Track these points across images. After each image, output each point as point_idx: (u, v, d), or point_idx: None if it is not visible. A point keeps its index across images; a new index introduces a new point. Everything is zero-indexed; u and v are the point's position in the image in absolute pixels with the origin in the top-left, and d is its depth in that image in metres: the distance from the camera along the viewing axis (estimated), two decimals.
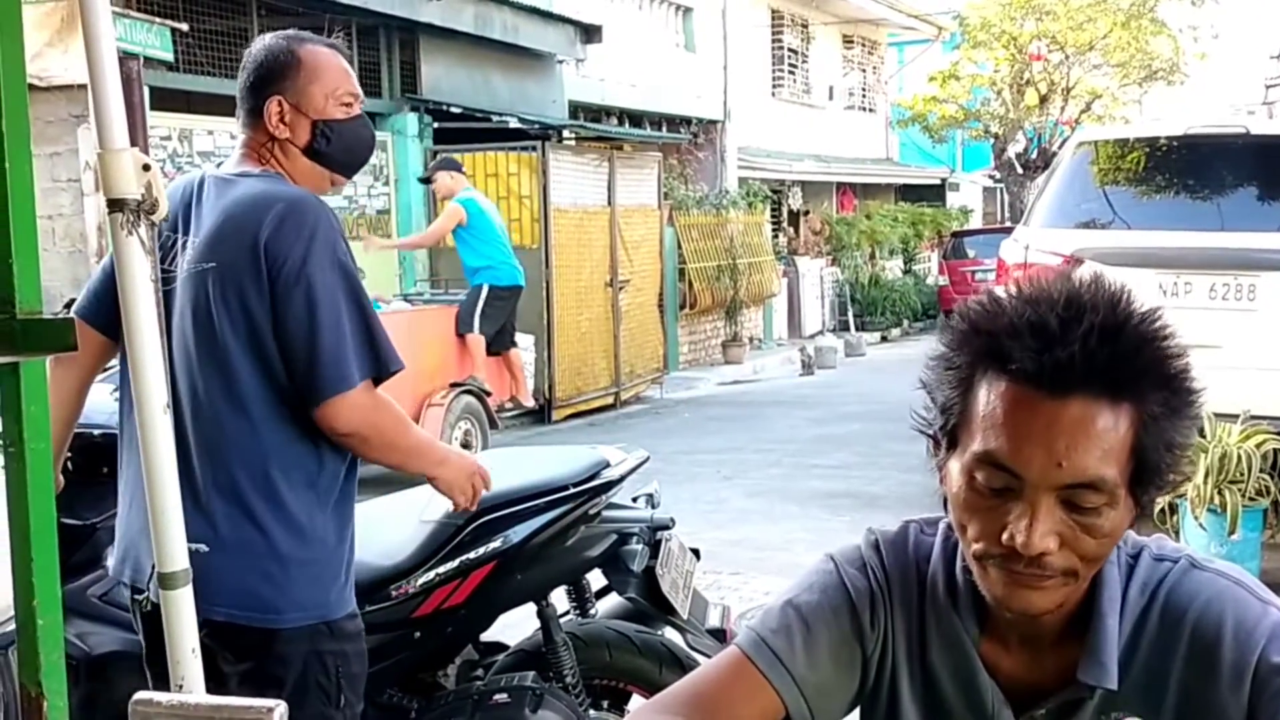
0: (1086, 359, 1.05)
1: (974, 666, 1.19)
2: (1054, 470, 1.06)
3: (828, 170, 21.46)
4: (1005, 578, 1.10)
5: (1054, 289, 1.10)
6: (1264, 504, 5.12)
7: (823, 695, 1.22)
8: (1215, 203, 6.25)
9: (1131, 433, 1.07)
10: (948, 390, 1.13)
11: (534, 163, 10.62)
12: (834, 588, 1.24)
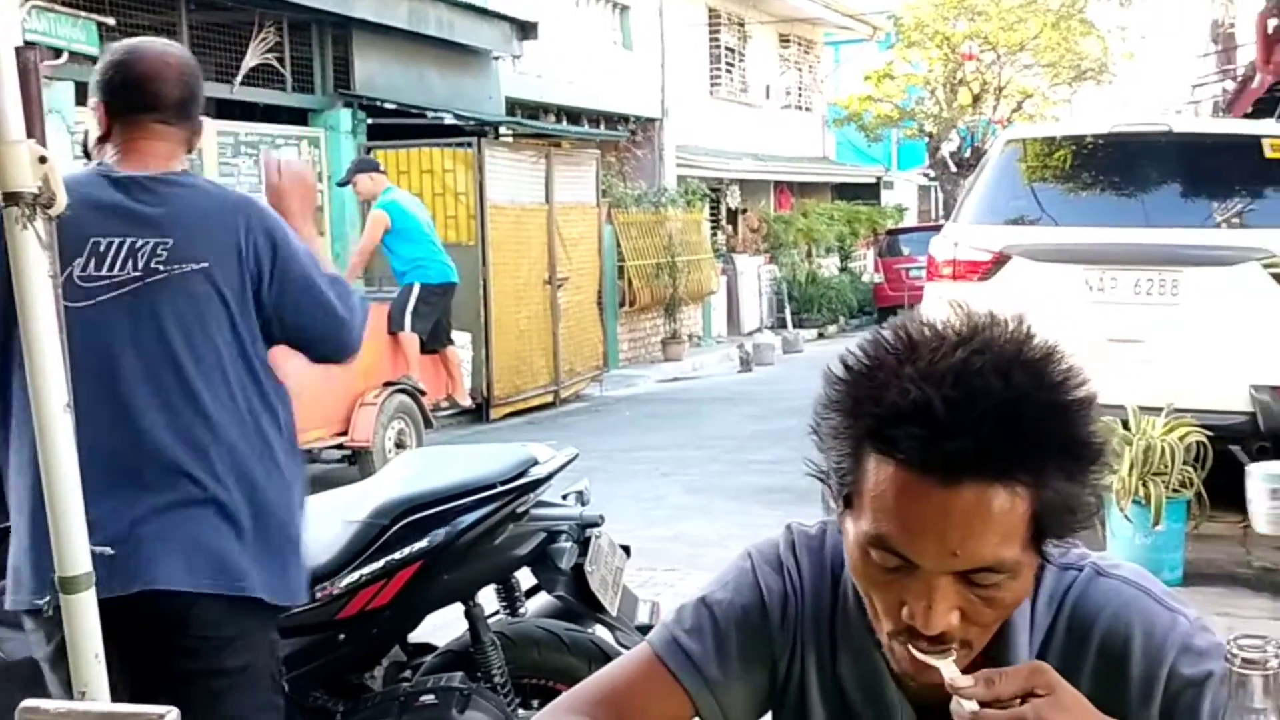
0: (980, 447, 0.97)
1: (883, 680, 1.17)
2: (949, 559, 1.00)
3: (765, 169, 21.56)
4: (905, 653, 1.06)
5: (947, 351, 1.01)
6: (1187, 495, 5.21)
7: (732, 697, 1.21)
8: (1140, 199, 6.36)
9: (1030, 508, 1.01)
10: (838, 455, 1.06)
11: (470, 159, 10.55)
12: (748, 587, 1.23)
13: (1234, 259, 5.75)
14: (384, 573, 2.62)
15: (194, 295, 2.21)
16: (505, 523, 2.75)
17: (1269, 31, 11.83)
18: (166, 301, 2.19)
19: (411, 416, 7.80)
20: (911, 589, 1.03)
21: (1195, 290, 5.79)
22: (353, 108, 10.91)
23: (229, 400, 2.23)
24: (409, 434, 7.75)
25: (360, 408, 7.34)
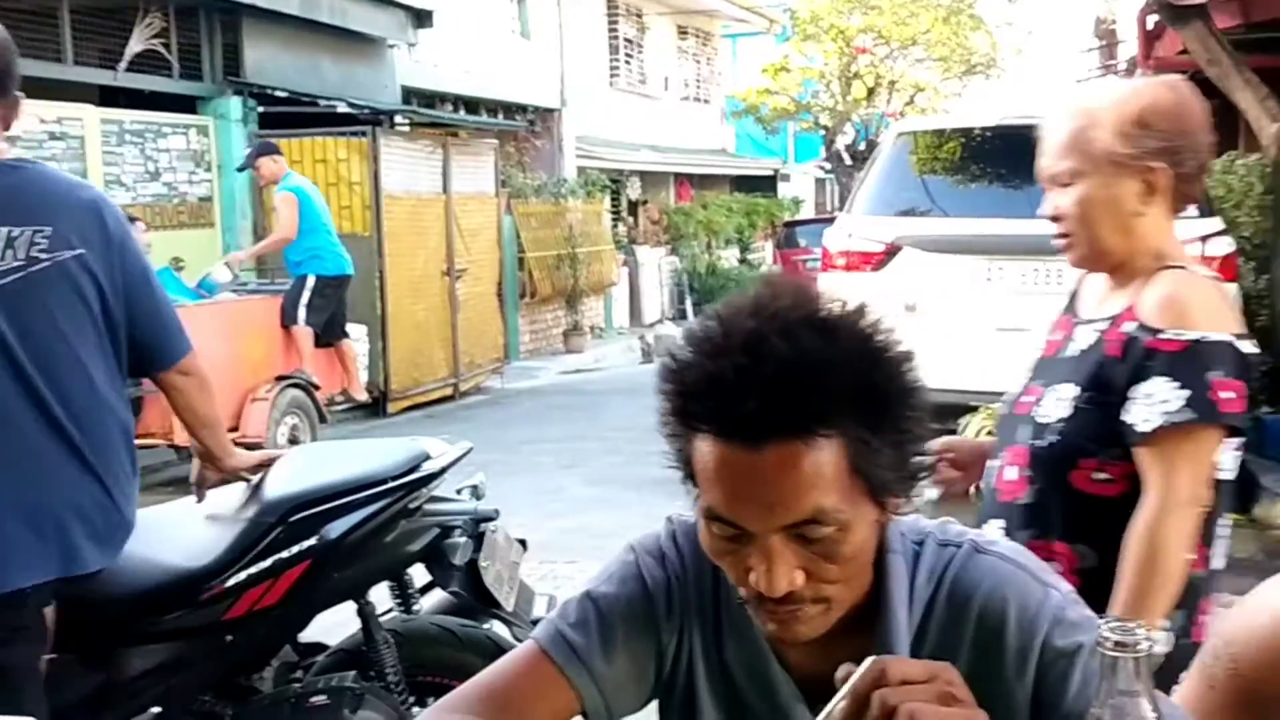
0: (771, 408, 1.02)
1: (767, 660, 1.19)
2: (770, 517, 1.04)
3: (665, 160, 21.62)
4: (768, 617, 1.10)
5: (740, 324, 1.06)
6: None
7: (619, 689, 1.21)
8: (1026, 191, 6.49)
9: (842, 458, 1.05)
10: (672, 441, 1.12)
11: (364, 148, 10.38)
12: (632, 579, 1.23)
13: None
14: (271, 572, 2.56)
15: (74, 283, 2.25)
16: (397, 519, 2.71)
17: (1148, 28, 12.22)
18: (53, 287, 2.21)
19: (305, 412, 7.66)
20: (752, 555, 1.07)
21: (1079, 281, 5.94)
22: (243, 95, 10.65)
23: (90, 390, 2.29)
24: (302, 430, 7.61)
25: (251, 403, 7.19)
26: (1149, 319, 1.79)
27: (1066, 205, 1.87)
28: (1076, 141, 1.83)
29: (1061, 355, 1.91)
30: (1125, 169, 1.81)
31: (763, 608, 1.10)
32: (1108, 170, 1.81)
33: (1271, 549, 5.55)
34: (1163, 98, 1.85)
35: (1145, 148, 1.81)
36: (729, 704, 1.22)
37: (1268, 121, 7.60)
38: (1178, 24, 8.53)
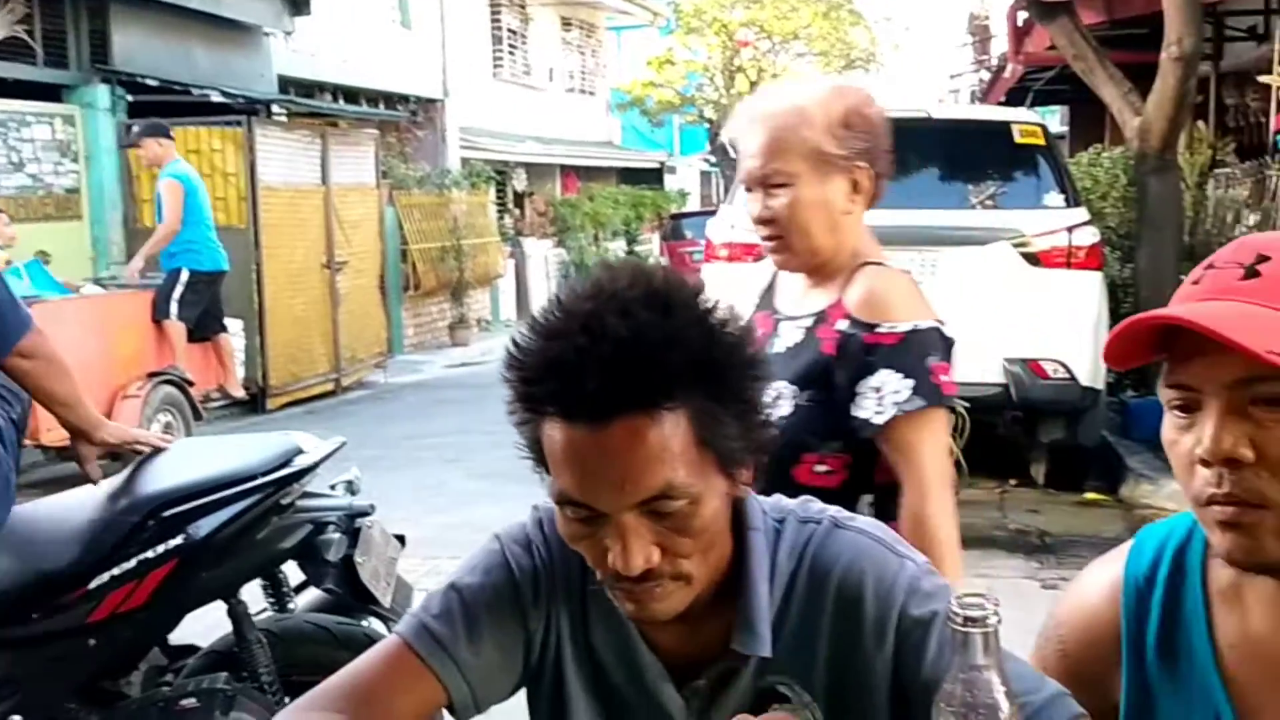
0: (613, 384, 1.03)
1: (634, 642, 1.19)
2: (621, 495, 1.05)
3: (550, 152, 21.55)
4: (627, 597, 1.11)
5: (578, 306, 1.07)
6: None
7: (486, 680, 1.19)
8: (902, 182, 6.59)
9: (688, 431, 1.06)
10: (521, 430, 1.12)
11: (240, 139, 10.12)
12: (498, 568, 1.22)
13: (987, 239, 6.08)
14: (136, 572, 2.48)
15: None
16: (268, 515, 2.64)
17: (1019, 25, 12.59)
18: None
19: (179, 409, 7.43)
20: (607, 536, 1.07)
21: (953, 269, 6.08)
22: (111, 84, 10.29)
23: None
24: (177, 427, 7.38)
25: (122, 400, 6.95)
26: (861, 315, 1.82)
27: (779, 207, 1.84)
28: (788, 143, 1.82)
29: (771, 353, 1.89)
30: (836, 169, 1.82)
31: (622, 588, 1.10)
32: (821, 171, 1.82)
33: (1136, 527, 5.73)
34: (859, 99, 1.87)
35: (852, 148, 1.82)
36: (597, 689, 1.22)
37: (1130, 115, 7.89)
38: (1045, 20, 8.81)
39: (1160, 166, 7.77)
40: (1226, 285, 1.05)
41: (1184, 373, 1.05)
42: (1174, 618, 1.16)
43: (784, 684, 1.17)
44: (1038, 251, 6.02)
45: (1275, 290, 1.02)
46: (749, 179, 1.87)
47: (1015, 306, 5.99)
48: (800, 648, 1.17)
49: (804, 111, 1.82)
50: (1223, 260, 1.08)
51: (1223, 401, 1.03)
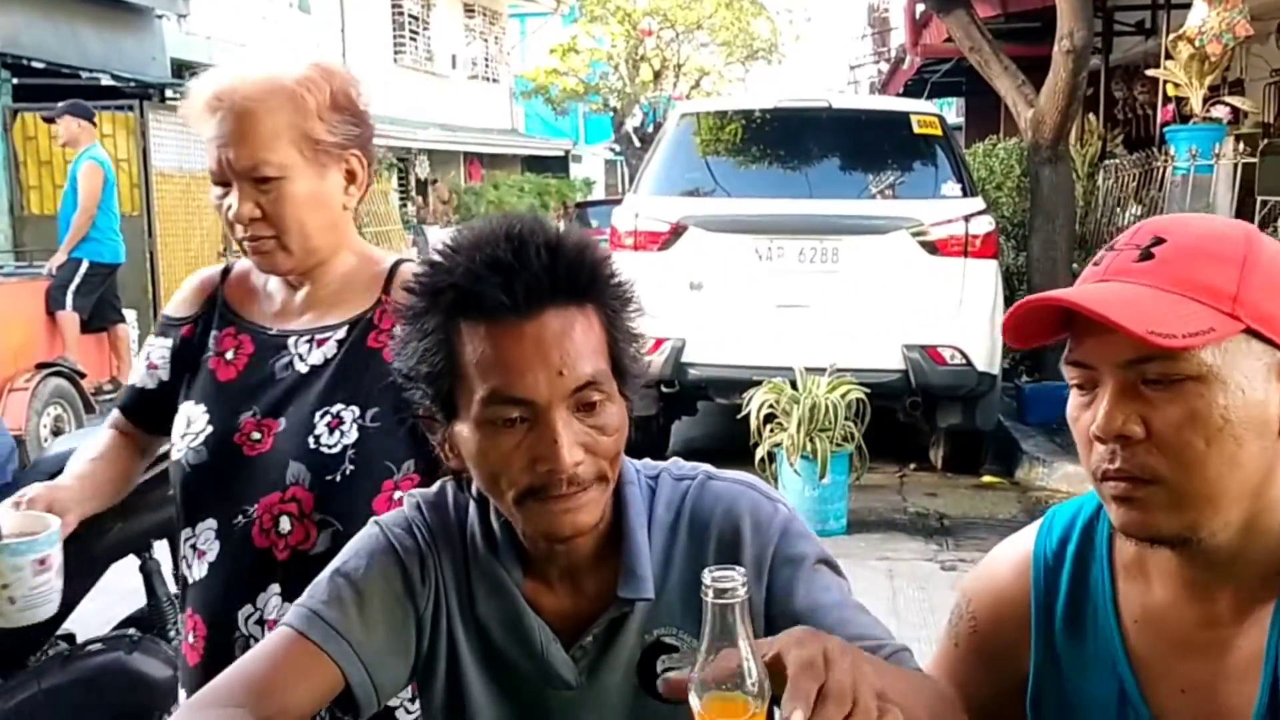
0: (547, 275, 1.11)
1: (520, 608, 1.21)
2: (558, 380, 1.10)
3: (454, 139, 21.36)
4: (547, 509, 1.12)
5: (490, 229, 1.15)
6: (849, 449, 5.58)
7: (382, 662, 1.19)
8: (804, 172, 6.72)
9: (602, 330, 1.15)
10: (430, 361, 1.14)
11: (132, 124, 9.85)
12: (382, 551, 1.23)
13: (887, 228, 6.18)
14: None
15: None
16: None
17: (916, 17, 12.80)
18: None
19: (70, 401, 7.20)
20: (538, 438, 1.11)
21: (853, 258, 6.18)
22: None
23: None
24: (67, 420, 7.15)
25: (9, 393, 6.71)
26: None
27: (270, 204, 1.58)
28: (276, 130, 1.57)
29: (279, 377, 1.64)
30: (331, 158, 1.62)
31: (545, 499, 1.12)
32: (317, 161, 1.60)
33: (1031, 508, 5.92)
34: (346, 78, 1.66)
35: (346, 134, 1.63)
36: (488, 660, 1.23)
37: (1024, 106, 8.08)
38: (942, 13, 8.98)
39: (1052, 157, 7.98)
40: (1123, 266, 1.08)
41: (1081, 351, 1.09)
42: (1081, 592, 1.20)
43: (670, 634, 1.20)
44: (935, 240, 6.13)
45: (1166, 271, 1.05)
46: (227, 171, 1.58)
47: (914, 294, 6.10)
48: (686, 596, 1.20)
49: (291, 94, 1.59)
50: (1122, 242, 1.11)
51: (1116, 380, 1.06)
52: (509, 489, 1.13)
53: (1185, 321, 1.02)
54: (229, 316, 1.72)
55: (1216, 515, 1.07)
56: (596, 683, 1.21)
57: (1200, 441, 1.03)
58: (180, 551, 1.69)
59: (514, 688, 1.22)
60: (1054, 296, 1.08)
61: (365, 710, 1.19)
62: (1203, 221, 1.11)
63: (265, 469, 1.60)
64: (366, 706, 1.19)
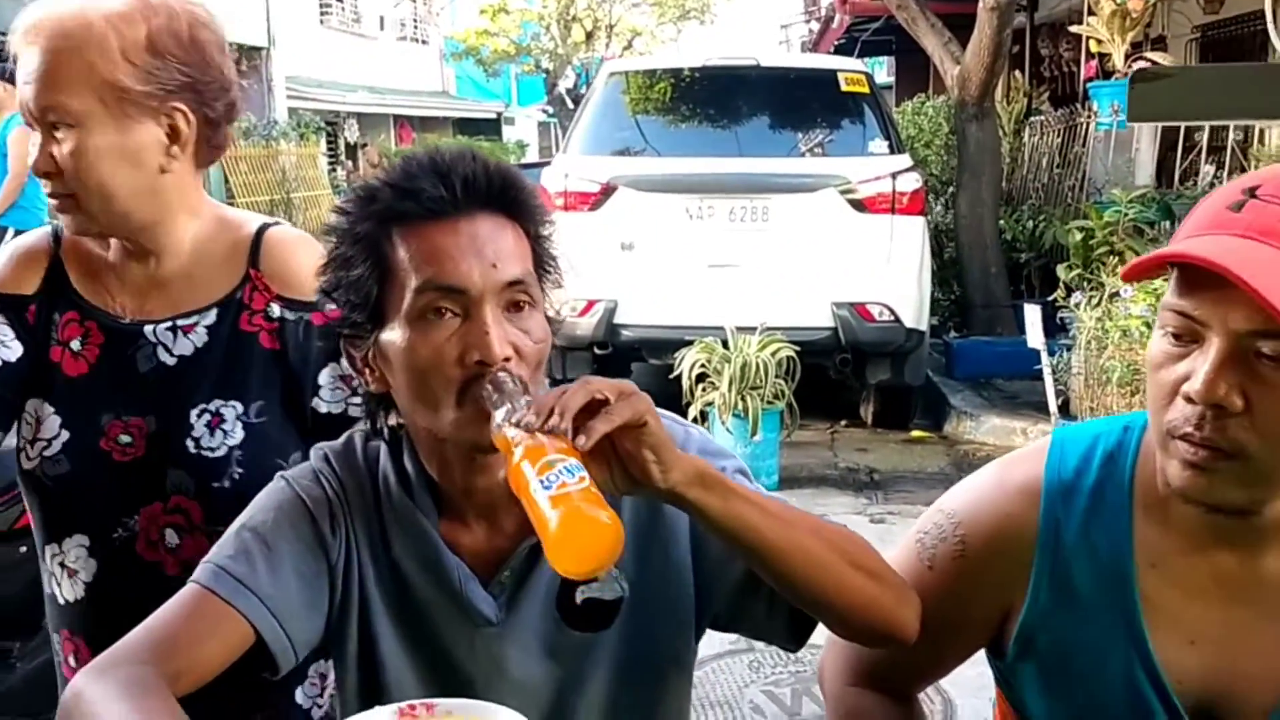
0: (482, 180, 1.15)
1: (436, 548, 1.20)
2: (492, 272, 1.13)
3: (383, 102, 21.07)
4: (477, 411, 1.10)
5: (418, 153, 1.19)
6: (780, 406, 5.62)
7: (294, 613, 1.17)
8: (733, 130, 6.72)
9: (529, 246, 1.18)
10: (358, 270, 1.15)
11: None
12: (289, 502, 1.21)
13: (816, 186, 6.20)
14: None
15: None
16: None
17: None
18: None
19: None
20: (469, 329, 1.12)
21: (783, 216, 6.20)
22: None
23: None
24: None
25: None
26: (295, 294, 1.47)
27: (63, 156, 1.38)
28: (72, 70, 1.36)
29: (141, 371, 1.46)
30: (142, 110, 1.39)
31: (473, 395, 1.11)
32: (119, 112, 1.38)
33: (959, 462, 6.02)
34: (174, 16, 1.42)
35: (165, 83, 1.40)
36: (405, 605, 1.22)
37: (950, 64, 8.14)
38: None
39: (978, 114, 8.04)
40: (1271, 226, 1.00)
41: (1195, 304, 1.02)
42: (1095, 527, 1.16)
43: None
44: (863, 198, 6.16)
45: None
46: (25, 113, 1.41)
47: (843, 252, 6.13)
48: None
49: (94, 30, 1.37)
50: (1268, 192, 1.02)
51: (1228, 345, 1.00)
52: (441, 389, 1.12)
53: None
54: (71, 298, 1.48)
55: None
56: (517, 617, 1.21)
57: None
58: (46, 568, 1.53)
59: (432, 630, 1.22)
60: (1201, 257, 0.99)
61: (283, 665, 1.18)
62: None
63: (141, 476, 1.44)
64: (284, 661, 1.17)
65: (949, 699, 3.34)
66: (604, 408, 1.01)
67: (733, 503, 1.06)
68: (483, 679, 1.21)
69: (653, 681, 1.24)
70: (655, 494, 1.04)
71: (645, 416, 1.00)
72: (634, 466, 1.01)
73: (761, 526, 1.06)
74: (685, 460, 1.04)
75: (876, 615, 1.13)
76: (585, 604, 1.20)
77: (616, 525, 0.95)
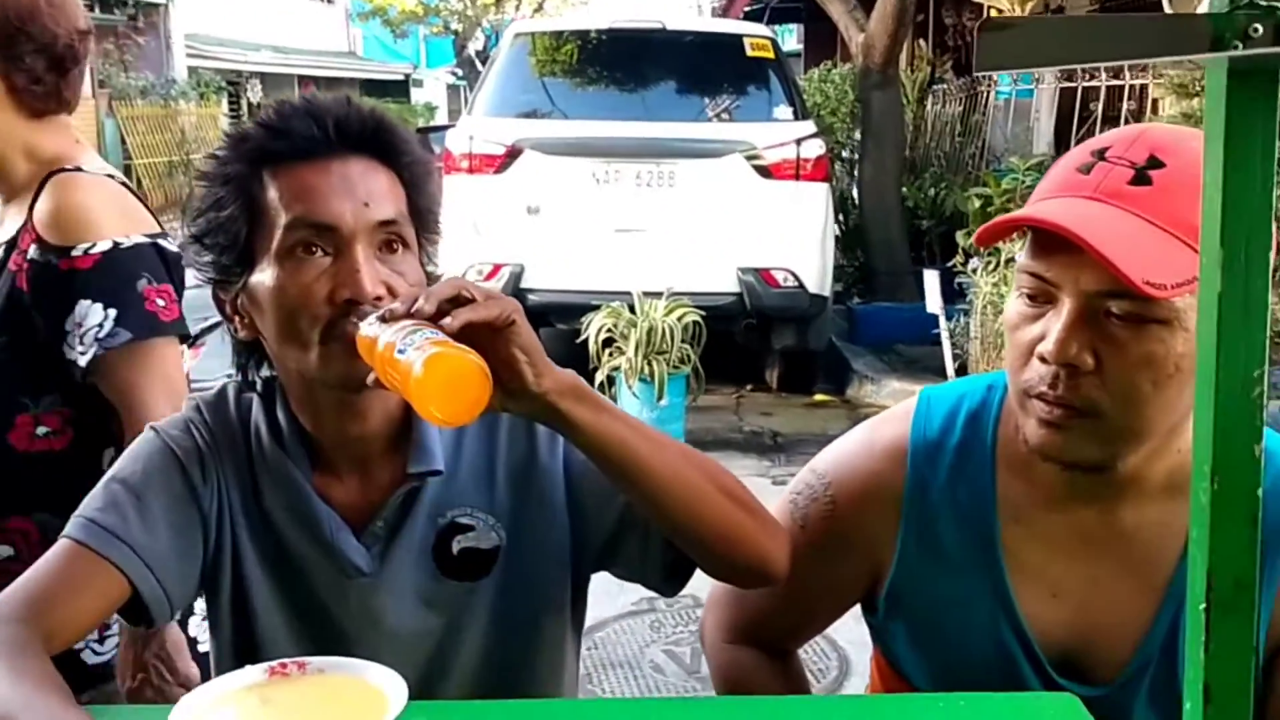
0: (355, 123, 1.16)
1: (308, 499, 1.20)
2: (364, 211, 1.13)
3: (287, 62, 20.62)
4: (346, 348, 1.08)
5: (291, 99, 1.20)
6: (686, 371, 5.65)
7: (168, 564, 1.16)
8: (640, 94, 6.70)
9: (403, 191, 1.18)
10: (228, 215, 1.14)
11: None
12: (159, 453, 1.21)
13: (721, 151, 6.22)
14: None
15: None
16: None
17: None
18: None
19: None
20: (340, 267, 1.12)
21: (689, 181, 6.21)
22: None
23: None
24: None
25: None
26: (51, 237, 1.54)
27: None
28: None
29: None
30: None
31: (344, 334, 1.09)
32: None
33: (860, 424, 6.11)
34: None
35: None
36: (277, 556, 1.22)
37: (855, 31, 8.20)
38: None
39: (882, 82, 8.13)
40: (1116, 188, 1.02)
41: (1046, 265, 1.04)
42: (960, 485, 1.18)
43: (464, 514, 1.21)
44: (769, 164, 6.20)
45: (1163, 204, 1.00)
46: None
47: (748, 217, 6.17)
48: (479, 477, 1.22)
49: None
50: (1115, 153, 1.04)
51: (1079, 306, 1.02)
52: (310, 327, 1.11)
53: (1175, 269, 0.97)
54: None
55: (1139, 449, 1.07)
56: (390, 567, 1.21)
57: (1148, 384, 1.02)
58: None
59: (305, 582, 1.22)
60: (1050, 221, 1.01)
61: (159, 618, 1.17)
62: (1199, 144, 1.07)
63: None
64: (159, 614, 1.17)
65: (844, 655, 3.41)
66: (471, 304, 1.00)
67: (605, 418, 1.06)
68: (355, 630, 1.21)
69: (531, 630, 1.25)
70: (529, 405, 1.02)
71: (513, 315, 1.00)
72: (507, 372, 1.00)
73: (633, 443, 1.07)
74: (559, 371, 1.04)
75: (745, 545, 1.13)
76: (462, 553, 1.21)
77: (482, 364, 0.94)
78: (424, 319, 0.97)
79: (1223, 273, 0.72)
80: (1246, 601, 0.76)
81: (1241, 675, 0.79)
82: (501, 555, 1.21)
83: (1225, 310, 0.73)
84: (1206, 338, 0.72)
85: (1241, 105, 0.72)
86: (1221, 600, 0.78)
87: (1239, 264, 0.73)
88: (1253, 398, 0.74)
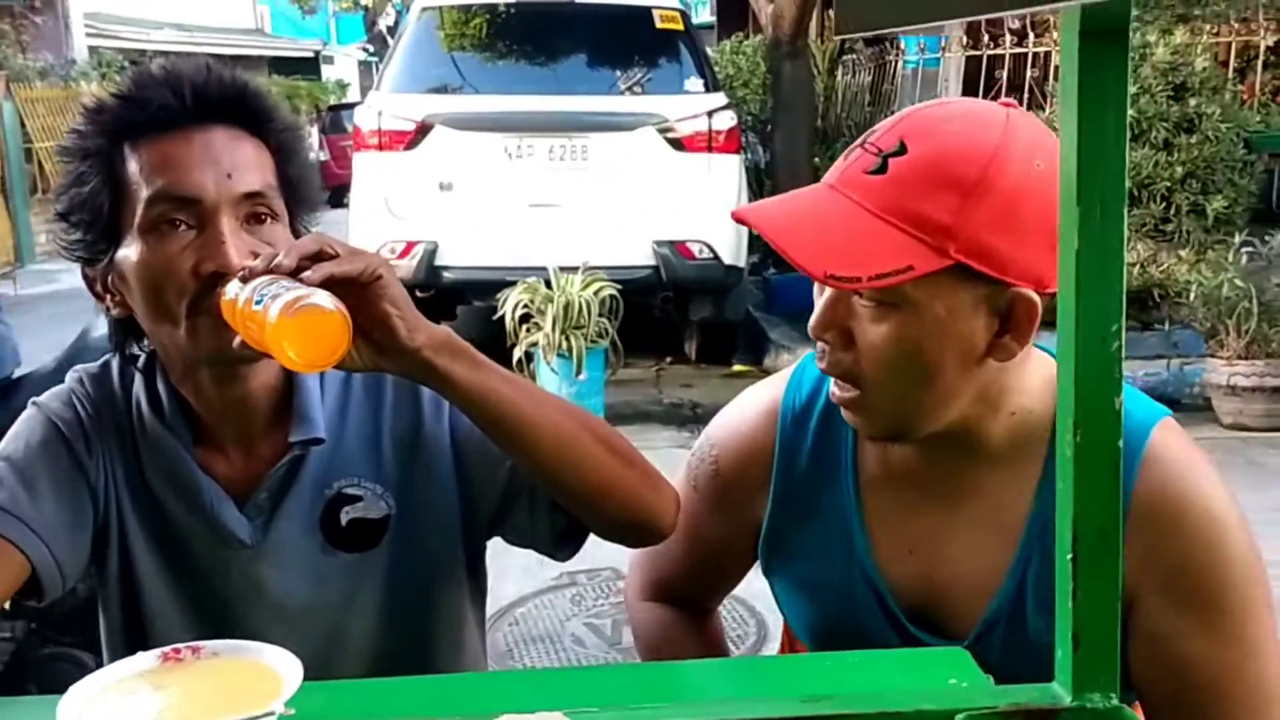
0: (215, 90, 1.13)
1: (190, 471, 1.19)
2: (226, 183, 1.10)
3: (192, 40, 20.11)
4: (217, 321, 1.06)
5: (149, 66, 1.17)
6: (604, 345, 5.66)
7: (59, 536, 1.15)
8: (551, 68, 6.66)
9: (271, 161, 1.16)
10: (90, 190, 1.12)
11: None
12: (41, 427, 1.20)
13: (634, 124, 6.22)
14: None
15: None
16: None
17: None
18: None
19: None
20: (205, 240, 1.10)
21: (602, 155, 6.20)
22: None
23: None
24: None
25: None
26: None
27: None
28: None
29: None
30: None
31: (210, 308, 1.07)
32: None
33: None
34: None
35: None
36: (161, 529, 1.21)
37: (765, 2, 8.23)
38: None
39: (792, 53, 8.17)
40: (854, 177, 1.05)
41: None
42: (825, 448, 1.22)
43: (351, 484, 1.21)
44: (681, 136, 6.21)
45: (889, 192, 1.02)
46: None
47: (662, 190, 6.18)
48: (365, 447, 1.21)
49: None
50: (872, 140, 1.07)
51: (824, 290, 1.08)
52: (177, 301, 1.10)
53: (880, 258, 1.00)
54: None
55: (920, 423, 1.10)
56: (273, 538, 1.20)
57: (892, 363, 1.06)
58: None
59: (188, 554, 1.21)
60: (750, 218, 1.06)
61: (50, 591, 1.15)
62: (959, 126, 1.04)
63: None
64: (51, 587, 1.15)
65: (762, 620, 3.46)
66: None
67: (481, 372, 1.05)
68: (239, 601, 1.20)
69: (428, 601, 1.25)
70: (404, 362, 1.01)
71: (380, 270, 0.99)
72: (379, 329, 0.99)
73: (511, 398, 1.06)
74: (432, 326, 1.03)
75: (629, 499, 1.14)
76: (350, 524, 1.21)
77: (341, 308, 0.93)
78: (283, 274, 0.96)
79: (1079, 231, 0.75)
80: (1111, 550, 0.79)
81: (1108, 622, 0.82)
82: (391, 525, 1.21)
83: (1083, 268, 0.75)
84: (1066, 294, 0.75)
85: (1093, 65, 0.74)
86: (1087, 550, 0.80)
87: (1094, 222, 0.75)
88: (1111, 351, 0.76)
